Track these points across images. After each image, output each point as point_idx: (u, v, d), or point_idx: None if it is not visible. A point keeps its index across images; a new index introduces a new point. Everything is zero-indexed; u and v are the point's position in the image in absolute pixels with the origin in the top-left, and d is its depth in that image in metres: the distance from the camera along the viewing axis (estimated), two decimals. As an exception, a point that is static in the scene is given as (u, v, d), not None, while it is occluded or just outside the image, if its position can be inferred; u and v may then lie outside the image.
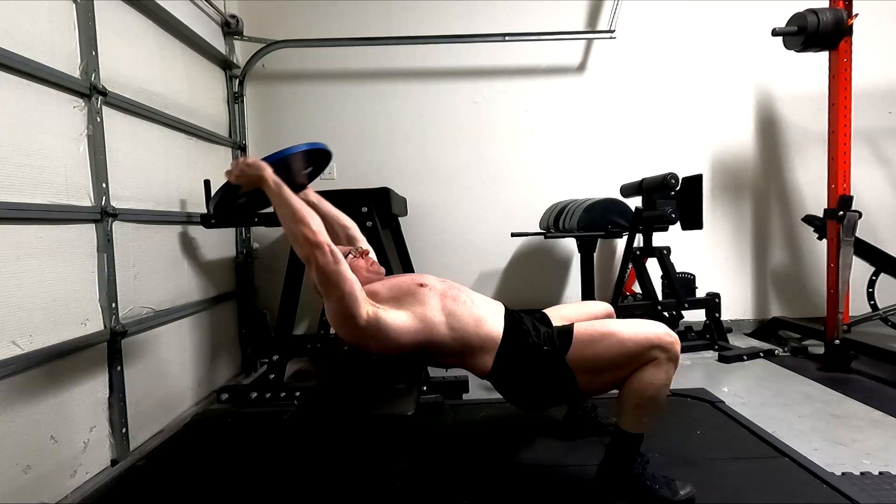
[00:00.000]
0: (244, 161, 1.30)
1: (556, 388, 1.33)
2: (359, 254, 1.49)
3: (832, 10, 2.34)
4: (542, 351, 1.31)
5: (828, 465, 1.46)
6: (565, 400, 1.40)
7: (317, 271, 1.20)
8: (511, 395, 1.41)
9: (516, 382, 1.37)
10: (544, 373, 1.31)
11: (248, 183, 1.31)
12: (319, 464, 1.30)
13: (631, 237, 2.65)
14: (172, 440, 1.86)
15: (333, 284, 1.20)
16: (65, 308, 1.52)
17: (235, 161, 1.33)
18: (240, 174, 1.30)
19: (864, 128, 2.98)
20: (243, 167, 1.29)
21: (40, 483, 1.40)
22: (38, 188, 1.45)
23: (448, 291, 1.36)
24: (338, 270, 1.19)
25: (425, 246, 3.06)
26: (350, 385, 1.36)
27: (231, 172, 1.32)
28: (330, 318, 1.28)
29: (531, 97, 3.11)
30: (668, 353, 1.26)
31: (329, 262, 1.19)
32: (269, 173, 1.28)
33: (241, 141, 2.92)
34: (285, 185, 1.28)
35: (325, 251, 1.19)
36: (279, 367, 2.25)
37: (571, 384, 1.30)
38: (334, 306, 1.23)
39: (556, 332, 1.35)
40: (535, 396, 1.39)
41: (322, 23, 3.02)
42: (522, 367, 1.33)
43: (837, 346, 2.41)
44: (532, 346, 1.32)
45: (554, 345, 1.32)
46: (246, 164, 1.29)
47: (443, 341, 1.30)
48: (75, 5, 1.63)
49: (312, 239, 1.19)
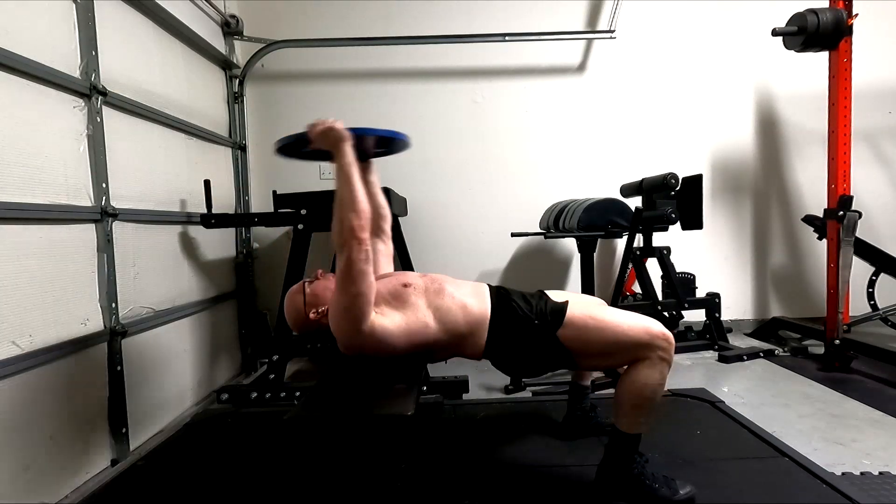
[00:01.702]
0: (331, 123, 1.25)
1: (549, 358, 1.35)
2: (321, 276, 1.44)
3: (832, 10, 2.34)
4: (533, 325, 1.32)
5: (828, 465, 1.46)
6: (560, 366, 1.39)
7: (346, 262, 1.17)
8: (506, 366, 1.43)
9: (510, 354, 1.37)
10: (536, 345, 1.32)
11: (324, 144, 1.27)
12: (319, 464, 1.30)
13: (631, 237, 2.65)
14: (172, 440, 1.86)
15: (354, 281, 1.17)
16: (65, 308, 1.52)
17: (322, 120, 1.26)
18: (321, 134, 1.25)
19: (864, 128, 2.97)
20: (326, 129, 1.24)
21: (40, 483, 1.40)
22: (38, 188, 1.45)
23: (430, 286, 1.35)
24: (365, 270, 1.18)
25: (425, 246, 3.06)
26: (350, 385, 1.36)
27: (314, 127, 1.27)
28: (334, 317, 1.26)
29: (531, 97, 3.10)
30: (662, 353, 1.26)
31: (361, 260, 1.17)
32: (349, 146, 1.24)
33: (241, 141, 2.92)
34: (356, 165, 1.24)
35: (363, 247, 1.17)
36: (279, 367, 2.24)
37: (565, 354, 1.32)
38: (345, 304, 1.21)
39: (549, 309, 1.35)
40: (529, 365, 1.41)
41: (322, 23, 3.02)
42: (514, 340, 1.33)
43: (837, 346, 2.41)
44: (522, 319, 1.33)
45: (545, 320, 1.32)
46: (331, 127, 1.24)
47: (436, 339, 1.30)
48: (75, 5, 1.63)
49: (358, 233, 1.17)
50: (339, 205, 1.20)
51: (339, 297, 1.22)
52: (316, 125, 1.26)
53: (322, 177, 3.05)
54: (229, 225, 2.42)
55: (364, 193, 1.22)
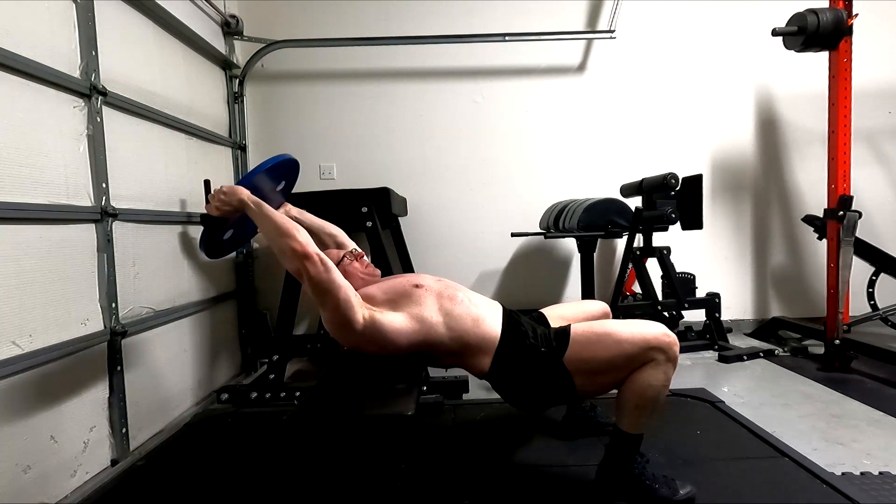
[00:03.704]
0: (220, 190, 1.33)
1: (553, 390, 1.33)
2: (353, 257, 1.48)
3: (832, 10, 2.34)
4: (540, 353, 1.31)
5: (828, 465, 1.46)
6: (563, 401, 1.40)
7: (309, 282, 1.20)
8: (509, 395, 1.41)
9: (514, 383, 1.36)
10: (542, 374, 1.31)
11: (230, 210, 1.34)
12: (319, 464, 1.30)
13: (631, 237, 2.65)
14: (172, 440, 1.86)
15: (326, 293, 1.20)
16: (65, 308, 1.52)
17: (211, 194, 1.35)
18: (220, 203, 1.33)
19: (864, 128, 2.98)
20: (220, 196, 1.32)
21: (40, 483, 1.40)
22: (38, 188, 1.45)
23: (445, 291, 1.36)
24: (330, 279, 1.19)
25: (425, 246, 3.06)
26: (350, 385, 1.36)
27: (210, 206, 1.35)
28: (327, 326, 1.28)
29: (531, 97, 3.10)
30: (666, 354, 1.25)
31: (320, 272, 1.19)
32: (247, 194, 1.31)
33: (241, 141, 2.92)
34: (265, 203, 1.30)
35: (314, 261, 1.19)
36: (279, 367, 2.25)
37: (569, 385, 1.30)
38: (330, 315, 1.23)
39: (553, 334, 1.35)
40: (532, 397, 1.39)
41: (322, 23, 3.02)
42: (520, 369, 1.33)
43: (837, 346, 2.41)
44: (530, 348, 1.32)
45: (551, 346, 1.31)
46: (222, 192, 1.32)
47: (441, 341, 1.30)
48: (75, 5, 1.63)
49: (300, 250, 1.19)
50: (271, 240, 1.25)
51: (324, 313, 1.25)
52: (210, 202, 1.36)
53: (322, 177, 3.06)
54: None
55: (286, 219, 1.27)
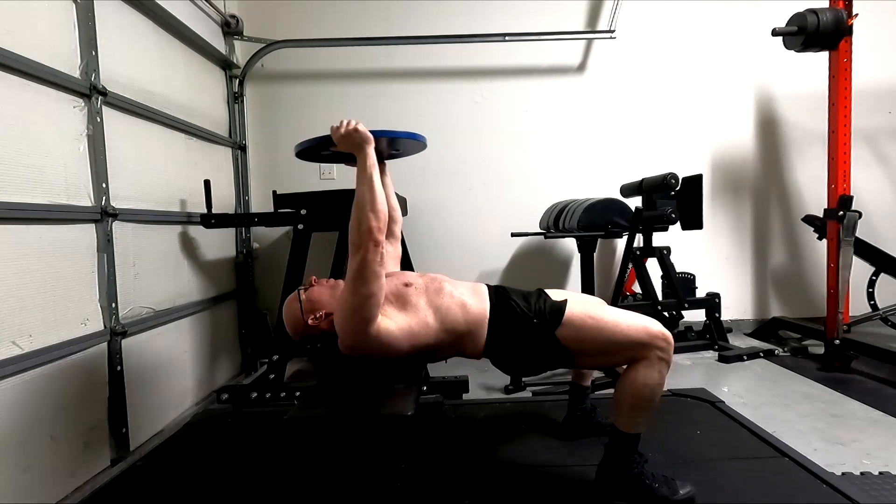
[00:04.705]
0: (354, 125, 1.26)
1: (547, 356, 1.35)
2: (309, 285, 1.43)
3: (832, 10, 2.34)
4: (532, 323, 1.32)
5: (828, 465, 1.46)
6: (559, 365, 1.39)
7: (360, 262, 1.17)
8: (505, 364, 1.42)
9: (509, 353, 1.37)
10: (535, 344, 1.32)
11: (347, 146, 1.27)
12: (319, 464, 1.30)
13: (631, 237, 2.65)
14: (172, 440, 1.86)
15: (366, 282, 1.17)
16: (65, 308, 1.52)
17: (346, 120, 1.27)
18: (345, 135, 1.26)
19: (864, 128, 2.97)
20: (351, 131, 1.25)
21: (40, 483, 1.40)
22: (38, 188, 1.45)
23: (430, 285, 1.35)
24: (378, 272, 1.18)
25: (425, 246, 3.06)
26: (350, 385, 1.36)
27: (337, 130, 1.27)
28: (342, 317, 1.24)
29: (531, 97, 3.10)
30: (661, 352, 1.26)
31: (376, 261, 1.17)
32: (371, 149, 1.25)
33: (241, 141, 2.92)
34: (377, 167, 1.25)
35: (378, 249, 1.17)
36: (279, 367, 2.24)
37: (563, 353, 1.32)
38: (355, 305, 1.20)
39: (547, 308, 1.35)
40: (527, 364, 1.40)
41: (322, 23, 3.02)
42: (513, 338, 1.33)
43: (837, 346, 2.41)
44: (521, 318, 1.33)
45: (544, 318, 1.32)
46: (355, 129, 1.25)
47: (437, 338, 1.31)
48: (75, 5, 1.63)
49: (375, 234, 1.17)
50: (358, 206, 1.20)
51: (349, 297, 1.20)
52: (339, 127, 1.27)
53: (322, 177, 3.06)
54: (229, 225, 2.42)
55: (384, 196, 1.22)
